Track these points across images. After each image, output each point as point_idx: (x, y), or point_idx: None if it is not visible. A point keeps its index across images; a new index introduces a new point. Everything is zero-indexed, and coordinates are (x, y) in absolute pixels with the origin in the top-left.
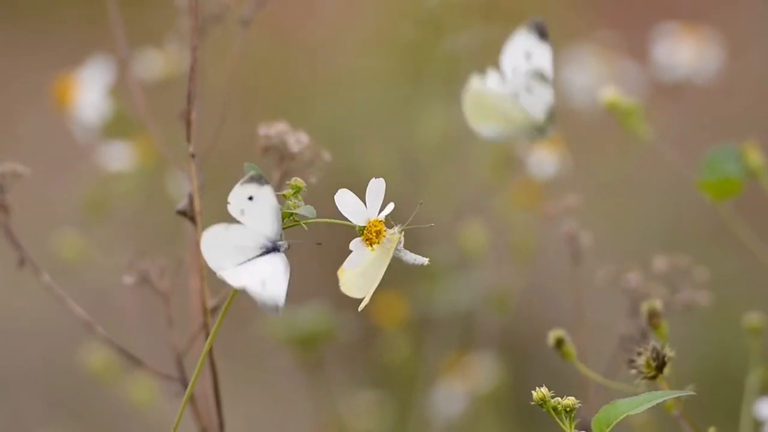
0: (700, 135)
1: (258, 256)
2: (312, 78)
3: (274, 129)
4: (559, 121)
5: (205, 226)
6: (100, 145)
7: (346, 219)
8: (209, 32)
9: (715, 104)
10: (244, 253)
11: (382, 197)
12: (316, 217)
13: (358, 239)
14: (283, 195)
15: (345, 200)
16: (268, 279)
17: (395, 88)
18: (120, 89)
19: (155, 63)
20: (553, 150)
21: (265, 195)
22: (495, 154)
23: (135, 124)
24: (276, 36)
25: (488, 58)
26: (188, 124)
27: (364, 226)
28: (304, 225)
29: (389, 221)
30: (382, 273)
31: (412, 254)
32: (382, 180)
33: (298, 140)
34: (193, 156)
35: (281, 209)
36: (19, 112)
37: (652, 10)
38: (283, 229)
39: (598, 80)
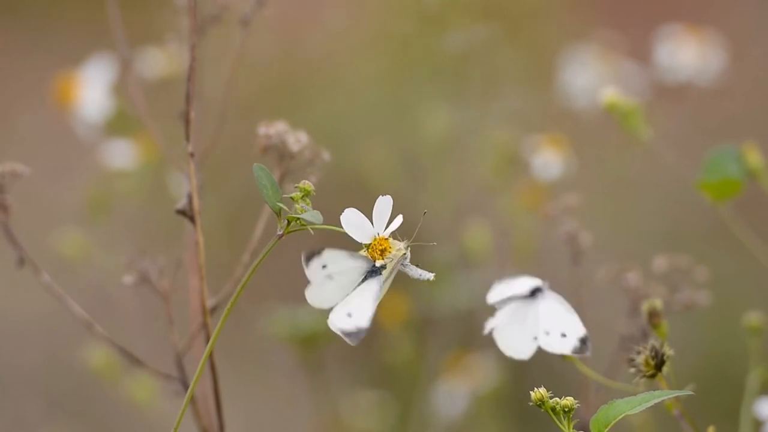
0: (700, 136)
1: (360, 282)
2: (312, 78)
3: (274, 128)
4: (561, 121)
5: (204, 226)
6: (102, 143)
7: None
8: (209, 32)
9: (714, 105)
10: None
11: (389, 215)
12: (322, 222)
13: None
14: (291, 197)
15: (350, 219)
16: (354, 311)
17: (395, 87)
18: (121, 88)
19: (156, 62)
20: (558, 151)
21: (335, 259)
22: (498, 154)
23: (136, 122)
24: (276, 36)
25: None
26: (187, 123)
27: (370, 244)
28: (311, 230)
29: (395, 233)
30: (387, 287)
31: (418, 269)
32: (389, 198)
33: (297, 140)
34: (192, 155)
35: (288, 213)
36: (19, 112)
37: (652, 11)
38: (289, 233)
39: (599, 81)
